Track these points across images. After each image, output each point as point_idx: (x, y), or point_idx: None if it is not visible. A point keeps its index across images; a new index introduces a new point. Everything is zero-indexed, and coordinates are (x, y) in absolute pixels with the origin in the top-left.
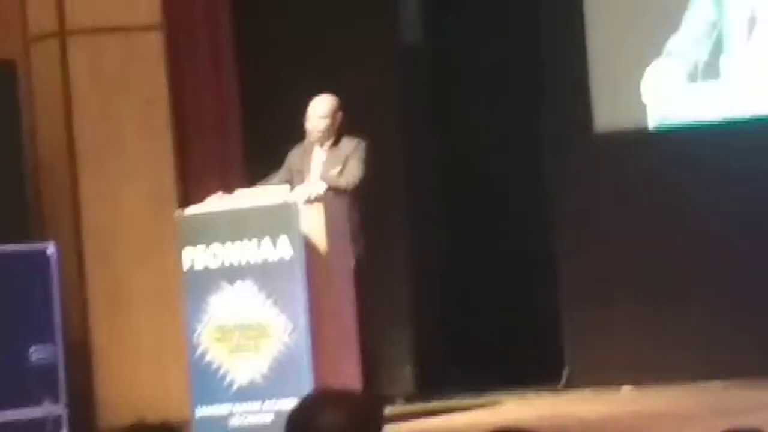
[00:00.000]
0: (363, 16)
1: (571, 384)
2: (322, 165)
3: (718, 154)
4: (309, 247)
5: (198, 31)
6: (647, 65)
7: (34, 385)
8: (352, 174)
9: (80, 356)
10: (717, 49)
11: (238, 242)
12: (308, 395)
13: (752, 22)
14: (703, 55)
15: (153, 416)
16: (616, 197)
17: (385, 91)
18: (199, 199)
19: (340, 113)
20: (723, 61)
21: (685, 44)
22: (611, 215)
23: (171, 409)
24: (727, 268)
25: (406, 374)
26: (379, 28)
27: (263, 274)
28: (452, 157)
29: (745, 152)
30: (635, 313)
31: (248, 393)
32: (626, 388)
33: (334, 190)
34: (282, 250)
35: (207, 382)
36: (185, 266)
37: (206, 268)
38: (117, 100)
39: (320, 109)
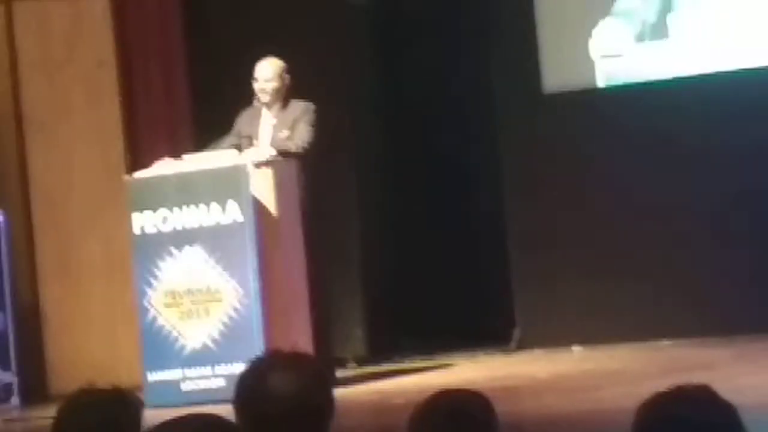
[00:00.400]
0: None
1: (523, 345)
2: (272, 128)
3: (666, 112)
4: (259, 211)
5: None
6: (595, 25)
7: None
8: (301, 138)
9: (30, 323)
10: (664, 9)
11: (186, 207)
12: (258, 358)
13: None
14: (650, 16)
15: (104, 381)
16: (565, 156)
17: (331, 52)
18: (149, 164)
19: (287, 75)
20: (670, 21)
21: (632, 4)
22: (561, 175)
23: (122, 374)
24: (676, 228)
25: (357, 337)
26: None
27: (213, 239)
28: (400, 119)
29: (692, 109)
30: (586, 274)
31: (200, 357)
32: (577, 349)
33: (283, 154)
34: (231, 214)
35: (158, 347)
36: (135, 231)
37: (156, 233)
38: (64, 65)
39: (267, 72)
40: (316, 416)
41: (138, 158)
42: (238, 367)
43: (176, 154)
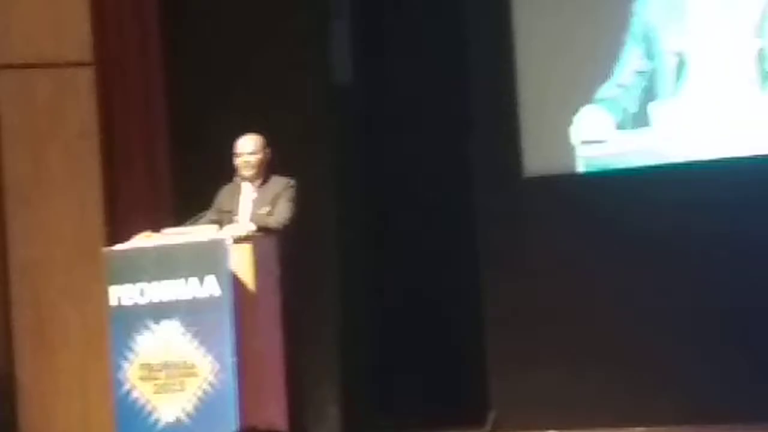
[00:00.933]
0: (293, 55)
1: (498, 427)
2: (252, 204)
3: (647, 199)
4: (237, 287)
5: (129, 68)
6: (576, 112)
7: None
8: (281, 214)
9: (5, 392)
10: (646, 98)
11: (165, 280)
12: None
13: (682, 69)
14: (632, 105)
15: None
16: (545, 240)
17: (314, 131)
18: (128, 237)
19: (268, 150)
20: (652, 109)
21: (614, 93)
22: (540, 259)
23: None
24: (654, 315)
25: (332, 415)
26: (309, 68)
27: (190, 313)
28: (382, 198)
29: (672, 197)
30: (562, 358)
31: (173, 431)
32: None
33: (263, 230)
34: (210, 288)
35: (132, 420)
36: (112, 303)
37: (133, 306)
38: (47, 135)
39: (249, 146)
40: None
41: (118, 231)
42: None
43: (156, 227)
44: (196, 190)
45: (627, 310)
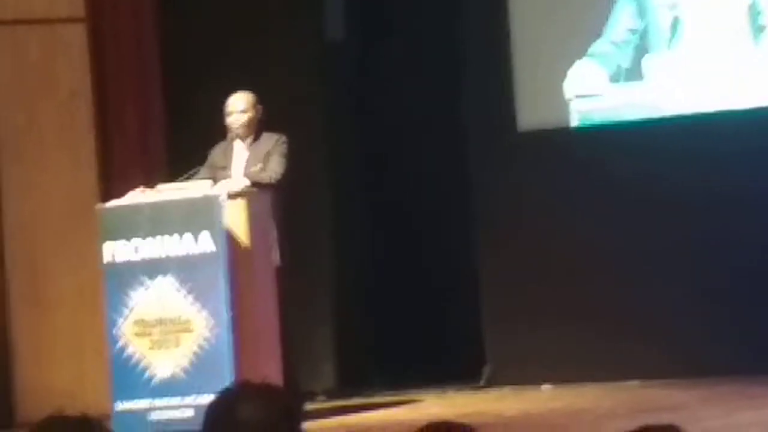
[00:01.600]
0: (286, 13)
1: (492, 382)
2: (245, 161)
3: (640, 153)
4: (231, 242)
5: (121, 25)
6: (570, 66)
7: None
8: (274, 170)
9: (0, 348)
10: (638, 54)
11: (159, 236)
12: (227, 388)
13: (675, 25)
14: (624, 61)
15: (72, 409)
16: (539, 195)
17: (307, 88)
18: (122, 194)
19: (259, 107)
20: (645, 64)
21: (606, 48)
22: (534, 214)
23: (91, 403)
24: (648, 269)
25: (327, 370)
26: (302, 25)
27: (185, 269)
28: (376, 156)
29: (666, 151)
30: (557, 313)
31: (169, 387)
32: (546, 387)
33: (256, 186)
34: (204, 244)
35: (127, 376)
36: (106, 260)
37: (127, 262)
38: (39, 92)
39: (239, 104)
40: None
41: (111, 188)
42: (207, 398)
43: (150, 184)
44: (189, 148)
45: (621, 265)
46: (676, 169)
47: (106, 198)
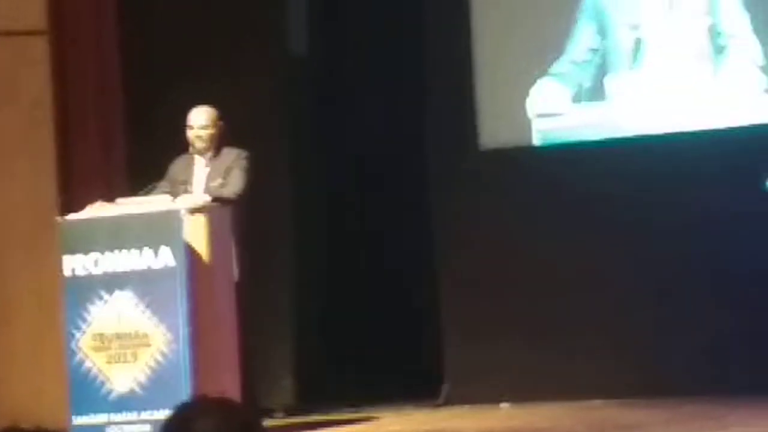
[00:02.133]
0: (249, 26)
1: (451, 401)
2: (205, 176)
3: (601, 173)
4: (191, 257)
5: (83, 38)
6: (532, 85)
7: None
8: (235, 185)
9: None
10: (600, 73)
11: (119, 250)
12: (184, 403)
13: (637, 46)
14: (586, 80)
15: (30, 423)
16: (499, 213)
17: (270, 102)
18: (83, 205)
19: (221, 123)
20: (607, 83)
21: (568, 68)
22: (495, 232)
23: (47, 416)
24: (609, 288)
25: (285, 387)
26: (265, 39)
27: (144, 283)
28: (337, 170)
29: (627, 171)
30: (516, 331)
31: (126, 403)
32: (505, 405)
33: (217, 201)
34: (164, 259)
35: (85, 391)
36: (65, 273)
37: (86, 276)
38: (1, 102)
39: (201, 119)
40: None
41: (71, 201)
42: (164, 414)
43: (110, 198)
44: (150, 160)
45: (582, 284)
46: (637, 189)
47: (66, 209)
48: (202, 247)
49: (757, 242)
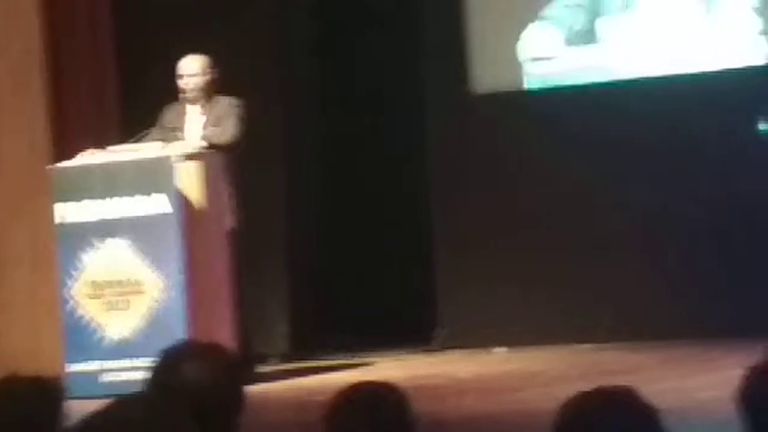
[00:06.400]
0: None
1: (446, 345)
2: (197, 124)
3: (594, 115)
4: (185, 204)
5: None
6: (524, 29)
7: None
8: (229, 131)
9: None
10: (592, 16)
11: (111, 198)
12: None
13: None
14: (578, 23)
15: (26, 371)
16: (494, 157)
17: (262, 49)
18: (74, 155)
19: (213, 70)
20: (600, 26)
21: (560, 11)
22: (488, 176)
23: (44, 364)
24: (604, 232)
25: (280, 333)
26: None
27: (137, 230)
28: (331, 117)
29: (620, 113)
30: (511, 276)
31: (121, 349)
32: (499, 350)
33: (210, 148)
34: (157, 206)
35: (79, 338)
36: (57, 221)
37: (79, 223)
38: None
39: (192, 67)
40: (225, 409)
41: (64, 149)
42: None
43: (102, 145)
44: (143, 109)
45: (576, 228)
46: (630, 132)
47: (58, 157)
48: (195, 193)
49: (751, 184)
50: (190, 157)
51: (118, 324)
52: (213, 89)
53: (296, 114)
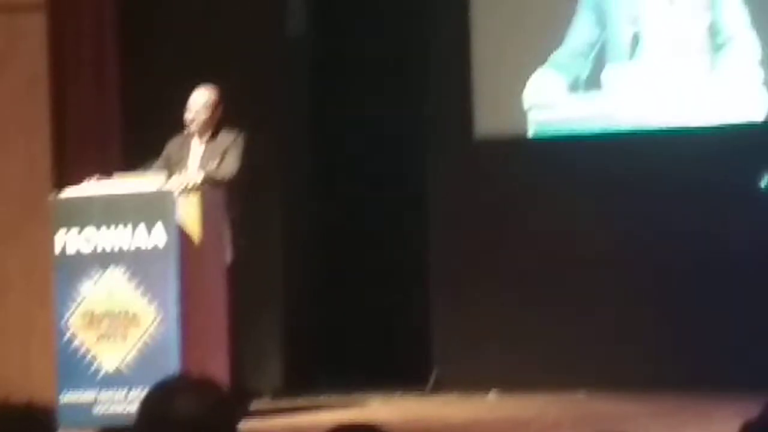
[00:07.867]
0: (247, 7)
1: (439, 388)
2: (201, 157)
3: (596, 163)
4: (183, 237)
5: (82, 15)
6: (530, 75)
7: None
8: (229, 166)
9: None
10: (598, 65)
11: (112, 228)
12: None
13: (636, 40)
14: (584, 71)
15: (17, 398)
16: (493, 202)
17: (267, 83)
18: (76, 182)
19: (220, 106)
20: (604, 75)
21: (566, 58)
22: (486, 220)
23: (36, 393)
24: (601, 279)
25: (274, 369)
26: (264, 20)
27: (136, 262)
28: (332, 155)
29: (620, 163)
30: (506, 320)
31: (114, 381)
32: (493, 395)
33: (211, 182)
34: (156, 238)
35: (73, 368)
36: (57, 249)
37: (78, 253)
38: None
39: (200, 101)
40: None
41: (66, 176)
42: None
43: (105, 173)
44: (145, 140)
45: (573, 275)
46: (631, 182)
47: (60, 185)
48: (194, 227)
49: (753, 239)
50: (190, 190)
51: (112, 355)
52: (218, 124)
53: (295, 152)
